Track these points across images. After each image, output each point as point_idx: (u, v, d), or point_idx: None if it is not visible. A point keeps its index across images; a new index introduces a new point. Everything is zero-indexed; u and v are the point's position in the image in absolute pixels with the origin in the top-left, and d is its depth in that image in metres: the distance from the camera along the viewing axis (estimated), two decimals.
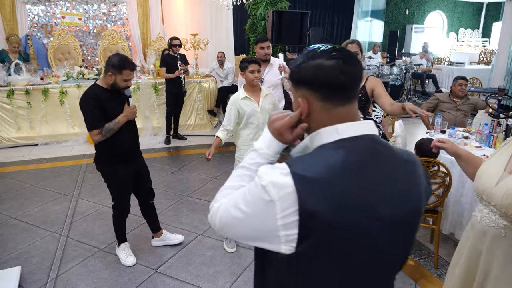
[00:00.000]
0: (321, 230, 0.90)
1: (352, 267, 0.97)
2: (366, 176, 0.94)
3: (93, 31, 8.56)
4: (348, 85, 0.99)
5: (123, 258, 3.15)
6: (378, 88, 3.07)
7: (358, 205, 0.92)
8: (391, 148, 1.05)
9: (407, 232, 1.05)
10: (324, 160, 0.94)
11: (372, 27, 14.80)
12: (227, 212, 1.00)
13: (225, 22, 9.18)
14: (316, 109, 1.01)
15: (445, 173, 2.95)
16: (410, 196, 1.02)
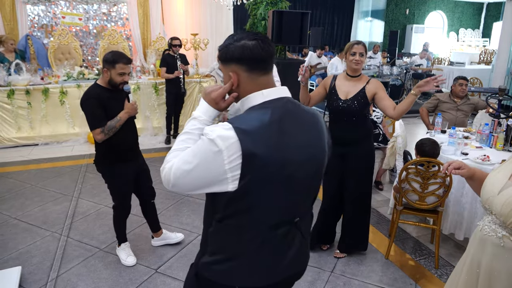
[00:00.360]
0: (257, 167, 1.20)
1: (280, 194, 1.29)
2: (285, 127, 1.27)
3: (93, 31, 8.56)
4: (267, 59, 1.30)
5: (123, 258, 3.15)
6: (380, 92, 2.96)
7: (281, 148, 1.24)
8: (301, 106, 1.40)
9: (317, 167, 1.41)
10: (256, 117, 1.24)
11: (372, 27, 14.81)
12: (179, 168, 1.24)
13: (225, 22, 9.18)
14: (244, 79, 1.31)
15: (445, 173, 2.94)
16: (317, 141, 1.40)
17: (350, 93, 2.96)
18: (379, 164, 4.68)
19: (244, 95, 1.32)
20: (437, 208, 3.13)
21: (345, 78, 3.04)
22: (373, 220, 3.92)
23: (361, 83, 2.99)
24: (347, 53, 2.96)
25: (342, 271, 3.09)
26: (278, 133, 1.24)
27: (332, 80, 3.08)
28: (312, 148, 1.36)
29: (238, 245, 1.34)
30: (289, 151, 1.26)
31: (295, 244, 1.42)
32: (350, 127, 3.01)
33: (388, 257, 3.27)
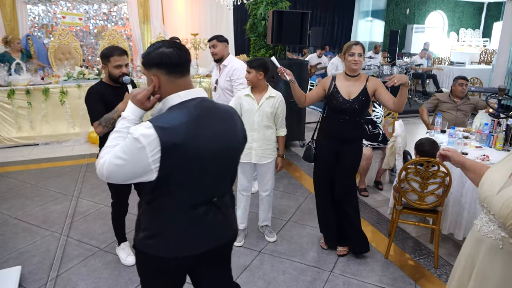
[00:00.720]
0: (175, 158, 1.43)
1: (198, 178, 1.53)
2: (201, 121, 1.50)
3: (93, 31, 8.57)
4: (183, 64, 1.52)
5: (123, 258, 3.16)
6: (380, 88, 3.05)
7: (197, 139, 1.47)
8: (216, 104, 1.65)
9: (232, 154, 1.67)
10: (173, 115, 1.47)
11: (372, 27, 14.80)
12: (111, 163, 1.44)
13: (225, 22, 9.19)
14: (164, 82, 1.52)
15: (445, 173, 2.95)
16: (231, 132, 1.64)
17: (353, 93, 3.02)
18: (378, 164, 4.69)
19: (165, 96, 1.54)
20: (437, 207, 3.13)
21: (345, 78, 3.07)
22: (372, 220, 3.92)
23: (361, 82, 3.04)
24: (345, 53, 3.00)
25: (342, 271, 3.10)
26: (193, 127, 1.48)
27: (332, 81, 3.09)
28: (226, 137, 1.61)
29: (164, 222, 1.59)
30: (204, 142, 1.50)
31: (216, 220, 1.66)
32: (349, 126, 3.06)
33: (388, 256, 3.28)
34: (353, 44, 2.98)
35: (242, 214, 3.47)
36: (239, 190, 3.45)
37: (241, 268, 3.12)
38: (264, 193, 3.46)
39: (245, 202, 3.47)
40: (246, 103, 3.22)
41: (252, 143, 3.24)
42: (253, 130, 3.21)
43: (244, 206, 3.47)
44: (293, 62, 6.07)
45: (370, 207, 4.21)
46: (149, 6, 8.60)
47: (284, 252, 3.36)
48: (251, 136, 3.22)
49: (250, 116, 3.20)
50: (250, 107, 3.20)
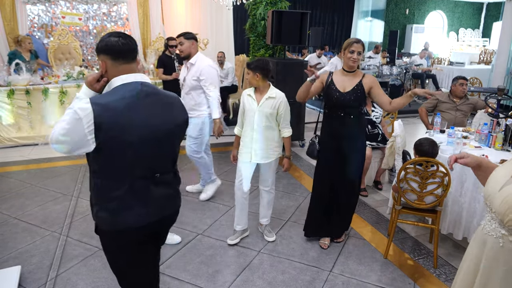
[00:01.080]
0: (108, 132, 1.61)
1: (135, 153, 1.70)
2: (138, 103, 1.69)
3: (93, 31, 8.57)
4: (126, 51, 1.73)
5: None
6: (375, 87, 3.12)
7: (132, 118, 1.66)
8: (157, 89, 1.83)
9: (169, 135, 1.82)
10: (113, 95, 1.68)
11: (372, 27, 14.81)
12: (58, 132, 1.61)
13: (225, 22, 9.19)
14: (110, 66, 1.73)
15: (444, 173, 2.96)
16: (168, 116, 1.81)
17: (348, 87, 3.12)
18: (378, 163, 4.69)
19: (111, 78, 1.74)
20: (436, 207, 3.14)
21: (342, 74, 3.18)
22: (372, 220, 3.93)
23: (358, 77, 3.14)
24: (345, 49, 3.08)
25: (341, 271, 3.10)
26: (129, 106, 1.66)
27: (329, 76, 3.21)
28: (162, 118, 1.78)
29: (108, 195, 1.74)
30: (139, 120, 1.68)
31: (160, 194, 1.85)
32: (347, 122, 3.14)
33: (387, 256, 3.28)
34: (354, 42, 3.05)
35: (239, 215, 3.46)
36: (236, 186, 3.42)
37: (240, 267, 3.13)
38: (264, 188, 3.46)
39: (242, 203, 3.43)
40: (248, 103, 3.24)
41: (252, 143, 3.23)
42: (253, 130, 3.21)
43: (241, 207, 3.44)
44: (293, 62, 6.07)
45: (370, 207, 4.21)
46: (148, 6, 8.61)
47: (284, 251, 3.36)
48: (251, 136, 3.23)
49: (250, 116, 3.22)
50: (251, 107, 3.21)
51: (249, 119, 3.22)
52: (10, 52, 6.91)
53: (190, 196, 4.44)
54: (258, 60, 3.19)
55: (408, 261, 3.25)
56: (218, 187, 4.39)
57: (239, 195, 3.40)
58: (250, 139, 3.24)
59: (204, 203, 4.25)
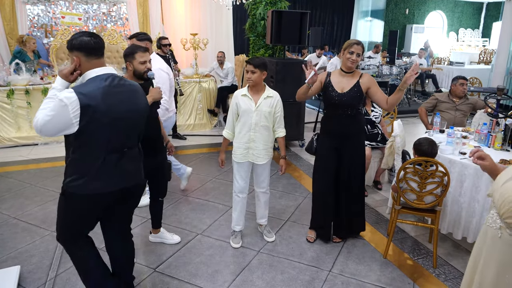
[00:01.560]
0: (90, 114, 1.99)
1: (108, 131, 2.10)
2: (111, 91, 2.10)
3: (93, 31, 8.57)
4: (97, 48, 2.12)
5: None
6: (373, 86, 3.14)
7: (107, 103, 2.05)
8: (123, 79, 2.23)
9: (136, 117, 2.26)
10: (90, 85, 2.06)
11: (372, 27, 14.81)
12: (43, 119, 1.97)
13: (225, 22, 9.19)
14: (83, 61, 2.11)
15: (444, 173, 2.96)
16: (134, 101, 2.24)
17: (346, 87, 3.14)
18: (377, 163, 4.69)
19: (84, 72, 2.13)
20: (435, 207, 3.13)
21: (340, 74, 3.21)
22: (371, 220, 3.93)
23: (355, 77, 3.16)
24: (345, 50, 3.09)
25: (341, 270, 3.10)
26: (104, 93, 2.05)
27: (327, 76, 3.23)
28: (130, 103, 2.21)
29: (87, 166, 2.13)
30: (112, 105, 2.08)
31: (128, 165, 2.26)
32: (345, 121, 3.18)
33: (387, 256, 3.28)
34: (354, 43, 3.07)
35: (238, 216, 3.45)
36: (235, 192, 3.40)
37: (240, 267, 3.13)
38: (260, 190, 3.45)
39: (241, 205, 3.42)
40: (243, 103, 3.17)
41: (250, 143, 3.22)
42: (251, 131, 3.19)
43: (240, 209, 3.43)
44: (292, 62, 6.06)
45: (369, 207, 4.21)
46: (148, 6, 8.60)
47: (283, 251, 3.36)
48: (249, 137, 3.20)
49: (248, 117, 3.17)
50: (248, 107, 3.16)
51: (246, 120, 3.17)
52: (15, 50, 6.94)
53: (190, 196, 4.44)
54: (261, 58, 3.14)
55: (407, 261, 3.25)
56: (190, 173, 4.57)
57: (239, 198, 3.39)
58: (248, 140, 3.21)
59: (204, 203, 4.25)
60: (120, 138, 2.19)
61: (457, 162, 3.29)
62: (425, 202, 3.12)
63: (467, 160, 3.26)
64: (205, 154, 5.93)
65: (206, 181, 4.87)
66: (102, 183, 2.15)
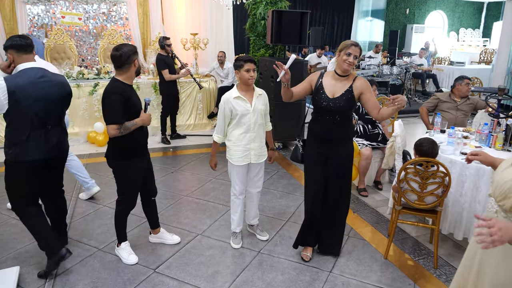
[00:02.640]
0: (16, 97, 2.65)
1: (32, 110, 2.73)
2: (33, 81, 2.73)
3: (93, 30, 8.56)
4: (26, 46, 2.77)
5: (124, 257, 3.16)
6: (366, 92, 2.91)
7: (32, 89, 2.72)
8: (47, 71, 2.86)
9: (58, 101, 2.89)
10: (19, 75, 2.74)
11: (372, 26, 14.80)
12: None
13: (225, 21, 9.17)
14: (16, 57, 2.77)
15: (444, 173, 2.94)
16: (56, 88, 2.86)
17: (337, 92, 2.91)
18: (378, 164, 4.68)
19: (16, 65, 2.77)
20: (436, 208, 3.12)
21: (333, 77, 2.96)
22: (372, 220, 3.92)
23: (348, 81, 2.92)
24: (341, 51, 2.84)
25: (341, 271, 3.09)
26: (29, 81, 2.70)
27: (319, 78, 2.99)
28: (52, 88, 2.82)
29: (16, 139, 2.75)
30: (36, 89, 2.72)
31: (52, 139, 2.87)
32: (335, 127, 2.95)
33: (387, 257, 3.27)
34: (352, 45, 2.82)
35: (239, 218, 3.42)
36: (235, 195, 3.35)
37: (240, 268, 3.12)
38: (255, 190, 3.43)
39: (242, 206, 3.40)
40: (238, 106, 3.10)
41: (250, 144, 3.20)
42: (250, 131, 3.16)
43: (241, 210, 3.40)
44: (293, 61, 6.04)
45: (370, 207, 4.20)
46: (148, 6, 8.58)
47: (283, 252, 3.35)
48: (249, 138, 3.18)
49: (246, 118, 3.13)
50: (244, 109, 3.11)
51: (244, 122, 3.13)
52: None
53: (190, 196, 4.43)
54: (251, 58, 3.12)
55: (408, 261, 3.24)
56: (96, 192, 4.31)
57: (239, 200, 3.37)
58: (248, 141, 3.18)
59: (203, 203, 4.24)
60: (42, 117, 2.77)
61: (458, 162, 3.28)
62: (426, 202, 3.10)
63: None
64: (205, 154, 5.92)
65: (206, 182, 4.85)
66: (30, 152, 2.76)
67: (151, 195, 3.31)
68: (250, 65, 3.04)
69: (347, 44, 2.83)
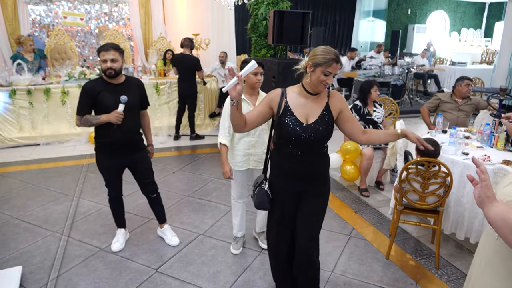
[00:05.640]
0: None
1: None
2: None
3: (95, 31, 8.58)
4: None
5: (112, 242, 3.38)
6: (345, 110, 2.27)
7: None
8: None
9: None
10: None
11: (374, 27, 14.79)
12: None
13: (226, 22, 9.18)
14: None
15: (446, 173, 2.94)
16: None
17: (312, 115, 2.19)
18: (379, 164, 4.68)
19: None
20: (438, 208, 3.12)
21: (301, 94, 2.21)
22: (373, 220, 3.92)
23: (322, 98, 2.23)
24: (318, 66, 2.07)
25: (343, 271, 3.09)
26: None
27: (282, 97, 2.21)
28: None
29: None
30: None
31: None
32: (310, 159, 2.26)
33: (389, 257, 3.27)
34: (334, 61, 2.06)
35: (240, 222, 3.35)
36: (235, 199, 3.30)
37: (241, 268, 3.12)
38: None
39: (242, 210, 3.34)
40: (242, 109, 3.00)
41: (250, 149, 3.08)
42: (250, 136, 3.05)
43: (241, 214, 3.34)
44: (294, 62, 6.05)
45: (371, 207, 4.20)
46: (150, 6, 8.61)
47: None
48: (249, 142, 3.07)
49: None
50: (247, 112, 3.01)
51: None
52: (12, 55, 6.95)
53: (192, 196, 4.43)
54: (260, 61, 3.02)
55: (410, 261, 3.24)
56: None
57: (239, 203, 3.30)
58: (248, 146, 3.07)
59: (205, 203, 4.25)
60: None
61: (460, 162, 3.28)
62: (427, 202, 3.11)
63: (469, 160, 3.24)
64: (207, 155, 5.92)
65: (208, 182, 4.86)
66: None
67: (146, 192, 3.37)
68: (258, 68, 2.92)
69: (328, 61, 2.06)
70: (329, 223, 3.80)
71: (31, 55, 6.83)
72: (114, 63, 2.92)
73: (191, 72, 6.35)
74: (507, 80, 8.96)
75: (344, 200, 4.36)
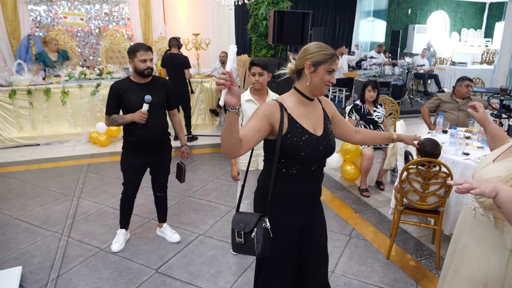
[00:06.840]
0: None
1: None
2: None
3: (95, 31, 8.58)
4: None
5: (112, 243, 3.37)
6: (337, 112, 2.07)
7: None
8: None
9: None
10: None
11: (374, 27, 14.79)
12: None
13: (226, 22, 9.19)
14: None
15: (447, 174, 2.94)
16: None
17: (318, 124, 1.90)
18: (380, 164, 4.68)
19: None
20: (438, 208, 3.12)
21: (299, 103, 1.86)
22: (374, 220, 3.91)
23: (317, 104, 1.96)
24: (320, 65, 1.77)
25: (343, 272, 3.09)
26: None
27: (281, 110, 1.79)
28: None
29: None
30: None
31: None
32: (320, 178, 1.97)
33: (389, 257, 3.27)
34: (335, 56, 1.80)
35: None
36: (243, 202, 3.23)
37: (242, 268, 3.12)
38: None
39: (246, 211, 3.31)
40: (249, 109, 2.98)
41: (259, 150, 3.02)
42: None
43: None
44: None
45: (371, 208, 4.19)
46: (150, 6, 8.60)
47: None
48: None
49: None
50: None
51: None
52: (37, 53, 7.01)
53: (192, 196, 4.43)
54: (264, 59, 3.02)
55: (410, 262, 3.24)
56: None
57: (245, 207, 3.24)
58: (257, 146, 2.85)
59: (206, 203, 4.24)
60: None
61: (460, 162, 3.28)
62: (428, 203, 3.10)
63: (470, 160, 3.24)
64: (207, 155, 5.92)
65: (208, 182, 4.86)
66: None
67: (157, 190, 3.43)
68: (255, 68, 2.91)
69: (330, 56, 1.78)
70: (329, 223, 3.79)
71: (55, 55, 6.89)
72: (151, 62, 3.01)
73: (180, 71, 6.29)
74: (507, 80, 8.96)
75: (344, 200, 4.35)
